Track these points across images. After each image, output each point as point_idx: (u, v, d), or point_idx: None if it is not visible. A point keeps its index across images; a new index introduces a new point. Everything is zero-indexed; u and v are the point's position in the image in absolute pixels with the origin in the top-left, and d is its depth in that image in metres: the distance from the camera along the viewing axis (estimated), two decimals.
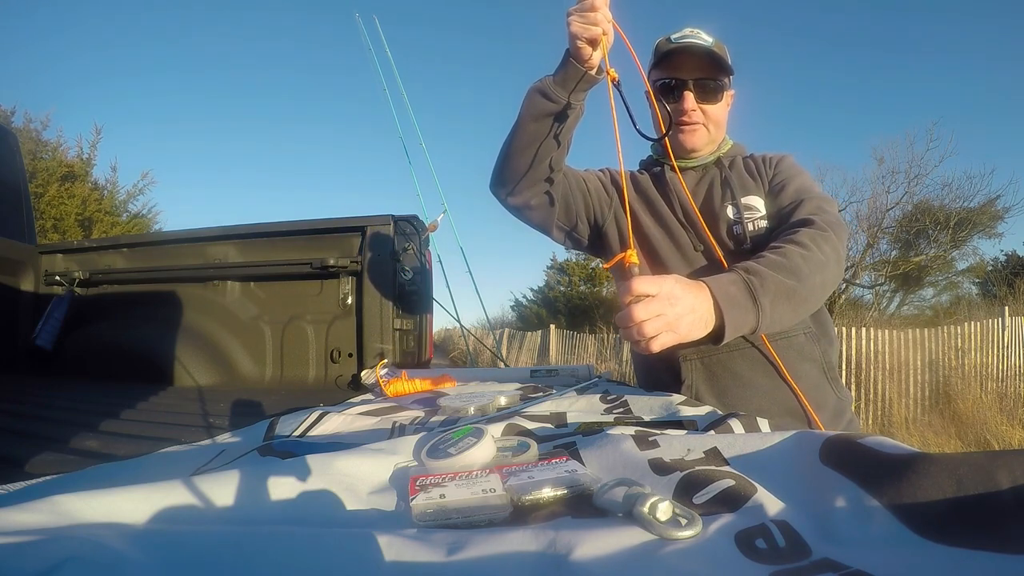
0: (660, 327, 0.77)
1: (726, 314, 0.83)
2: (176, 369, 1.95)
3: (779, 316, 0.89)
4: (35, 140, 8.39)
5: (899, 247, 10.53)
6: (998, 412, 5.03)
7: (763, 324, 0.87)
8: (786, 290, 0.89)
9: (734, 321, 0.84)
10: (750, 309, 0.86)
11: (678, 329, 0.79)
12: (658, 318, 0.77)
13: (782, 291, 0.89)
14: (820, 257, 0.94)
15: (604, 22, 0.91)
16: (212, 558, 0.33)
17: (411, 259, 1.93)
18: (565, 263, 15.07)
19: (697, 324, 0.81)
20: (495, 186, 1.14)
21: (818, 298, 0.97)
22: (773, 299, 0.87)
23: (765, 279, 0.88)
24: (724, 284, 0.85)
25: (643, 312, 0.76)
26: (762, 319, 0.86)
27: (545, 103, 1.01)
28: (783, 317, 0.90)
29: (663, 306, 0.77)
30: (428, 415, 0.90)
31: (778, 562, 0.35)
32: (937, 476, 0.37)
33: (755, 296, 0.86)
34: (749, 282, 0.87)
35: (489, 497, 0.46)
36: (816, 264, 0.93)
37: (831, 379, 1.10)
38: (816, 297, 0.96)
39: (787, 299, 0.89)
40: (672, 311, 0.78)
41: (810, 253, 0.93)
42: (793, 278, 0.90)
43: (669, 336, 0.78)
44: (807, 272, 0.92)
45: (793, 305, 0.91)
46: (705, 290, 0.83)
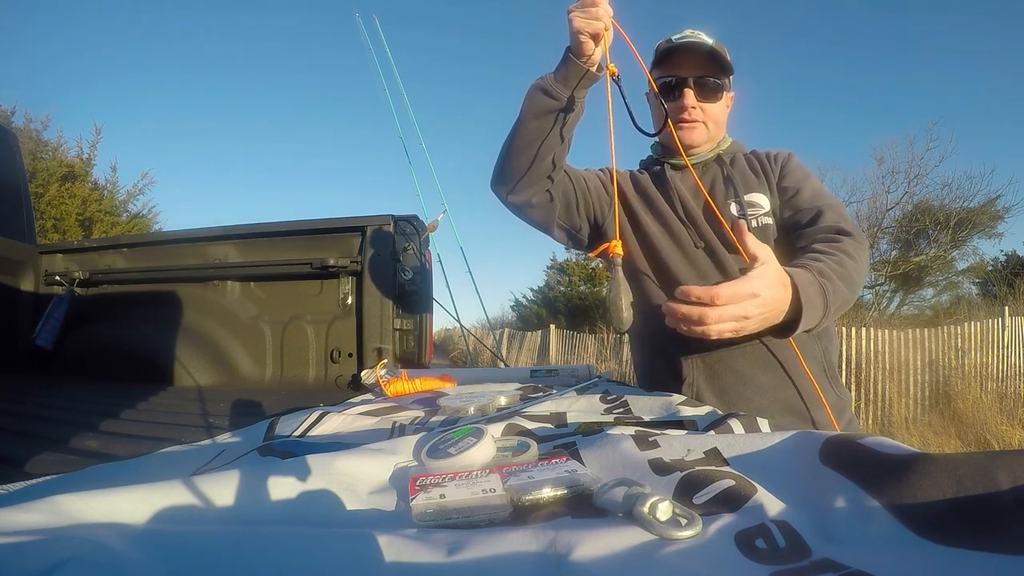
0: (735, 328, 0.77)
1: (804, 315, 0.83)
2: (176, 369, 1.95)
3: (831, 319, 0.92)
4: (35, 140, 8.39)
5: (899, 247, 10.54)
6: (998, 412, 5.03)
7: (822, 324, 0.89)
8: (843, 299, 0.92)
9: (808, 321, 0.85)
10: (819, 312, 0.86)
11: (746, 329, 0.78)
12: (743, 320, 0.77)
13: (840, 299, 0.91)
14: (863, 270, 0.98)
15: (606, 17, 0.92)
16: (212, 558, 0.33)
17: (411, 259, 1.93)
18: (565, 263, 15.07)
19: (767, 323, 0.81)
20: (496, 184, 1.14)
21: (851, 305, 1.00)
22: (836, 307, 0.90)
23: (836, 287, 0.89)
24: (806, 284, 0.85)
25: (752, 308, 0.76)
26: (823, 321, 0.88)
27: (546, 101, 1.01)
28: (832, 318, 0.92)
29: (751, 308, 0.77)
30: (428, 415, 0.90)
31: (778, 562, 0.35)
32: (937, 476, 0.37)
33: (827, 302, 0.87)
34: (823, 286, 0.87)
35: (489, 497, 0.46)
36: (861, 277, 0.97)
37: (831, 378, 1.10)
38: (851, 304, 0.99)
39: (840, 308, 0.92)
40: (754, 313, 0.78)
41: (858, 266, 0.96)
42: (848, 289, 0.92)
43: (746, 330, 0.78)
44: (856, 285, 0.95)
45: (842, 310, 0.94)
46: (789, 288, 0.83)
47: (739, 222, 0.83)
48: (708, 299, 0.75)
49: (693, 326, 0.76)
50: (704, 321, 0.75)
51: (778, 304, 0.81)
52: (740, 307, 0.75)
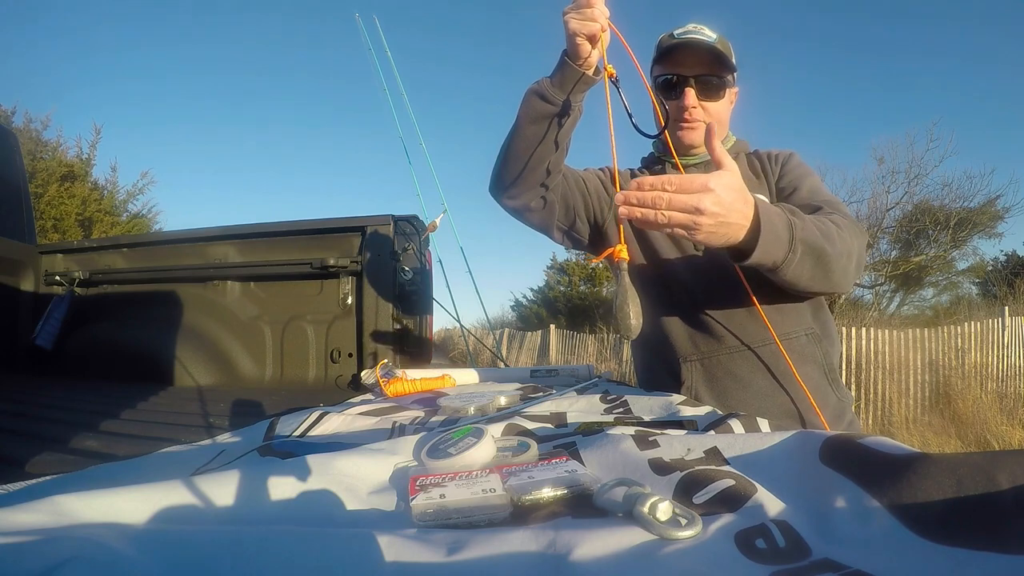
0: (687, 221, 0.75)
1: (762, 237, 0.81)
2: (176, 369, 1.95)
3: (802, 268, 0.88)
4: (35, 140, 8.39)
5: (899, 247, 10.53)
6: (998, 412, 5.03)
7: (788, 265, 0.86)
8: (817, 247, 0.89)
9: (766, 247, 0.82)
10: (784, 243, 0.84)
11: (699, 228, 0.76)
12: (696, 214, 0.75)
13: (815, 245, 0.88)
14: (850, 245, 0.95)
15: (602, 18, 0.91)
16: (212, 558, 0.33)
17: (411, 259, 1.93)
18: (565, 263, 15.08)
19: (723, 234, 0.79)
20: (494, 189, 1.14)
21: (835, 279, 0.96)
22: (805, 249, 0.87)
23: (806, 226, 0.88)
24: (770, 210, 0.84)
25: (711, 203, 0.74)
26: (789, 259, 0.85)
27: (543, 105, 1.00)
28: (802, 272, 0.89)
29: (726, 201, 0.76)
30: (428, 415, 0.90)
31: (778, 562, 0.35)
32: (937, 476, 0.37)
33: (792, 235, 0.85)
34: (791, 222, 0.86)
35: (489, 497, 0.46)
36: (846, 248, 0.94)
37: (832, 380, 1.10)
38: (835, 276, 0.95)
39: (815, 257, 0.89)
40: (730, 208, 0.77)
41: (844, 235, 0.94)
42: (827, 243, 0.90)
43: (682, 233, 0.77)
44: (839, 248, 0.92)
45: (817, 266, 0.90)
46: (751, 206, 0.81)
47: (711, 125, 0.81)
48: (660, 184, 0.75)
49: (646, 211, 0.75)
50: (656, 204, 0.74)
51: (736, 215, 0.78)
52: (693, 197, 0.74)
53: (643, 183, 0.76)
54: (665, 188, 0.75)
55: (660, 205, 0.74)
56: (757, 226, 0.81)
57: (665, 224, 0.76)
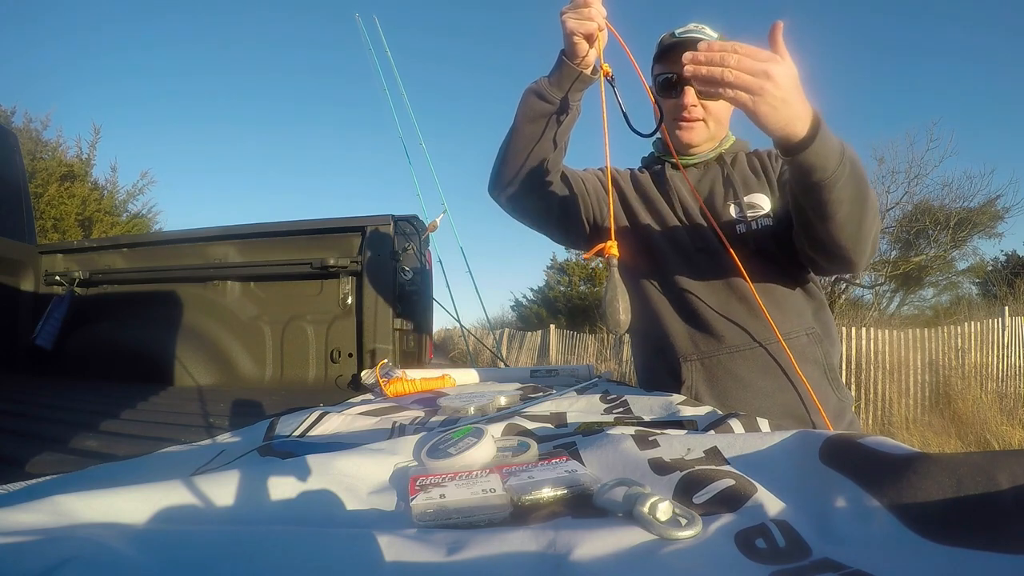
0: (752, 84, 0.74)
1: (819, 137, 0.80)
2: (176, 369, 1.95)
3: (845, 190, 0.86)
4: (35, 140, 8.38)
5: (899, 247, 10.52)
6: (998, 412, 5.03)
7: (837, 177, 0.84)
8: (861, 176, 0.88)
9: (821, 147, 0.81)
10: (835, 155, 0.83)
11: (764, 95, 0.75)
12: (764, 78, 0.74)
13: (859, 176, 0.88)
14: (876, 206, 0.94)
15: (599, 17, 0.91)
16: (212, 558, 0.33)
17: (411, 259, 1.93)
18: (565, 263, 15.07)
19: (784, 109, 0.77)
20: (493, 188, 1.14)
21: (868, 223, 0.94)
22: (851, 170, 0.85)
23: (855, 158, 0.87)
24: (824, 123, 0.83)
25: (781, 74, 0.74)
26: (839, 171, 0.84)
27: (541, 104, 1.01)
28: (846, 195, 0.87)
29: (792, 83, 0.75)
30: (428, 415, 0.90)
31: (778, 562, 0.35)
32: (937, 476, 0.37)
33: (843, 152, 0.84)
34: (842, 143, 0.85)
35: (489, 497, 0.46)
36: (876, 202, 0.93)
37: (832, 380, 1.10)
38: (868, 218, 0.93)
39: (858, 185, 0.88)
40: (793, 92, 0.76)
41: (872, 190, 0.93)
42: (866, 185, 0.90)
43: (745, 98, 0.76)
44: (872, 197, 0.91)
45: (857, 198, 0.89)
46: (810, 108, 0.80)
47: (777, 22, 0.80)
48: (729, 47, 0.74)
49: (713, 68, 0.74)
50: (724, 62, 0.74)
51: (798, 101, 0.78)
52: (762, 63, 0.74)
53: (712, 45, 0.75)
54: (736, 50, 0.74)
55: (729, 63, 0.73)
56: (815, 127, 0.80)
57: (732, 82, 0.74)
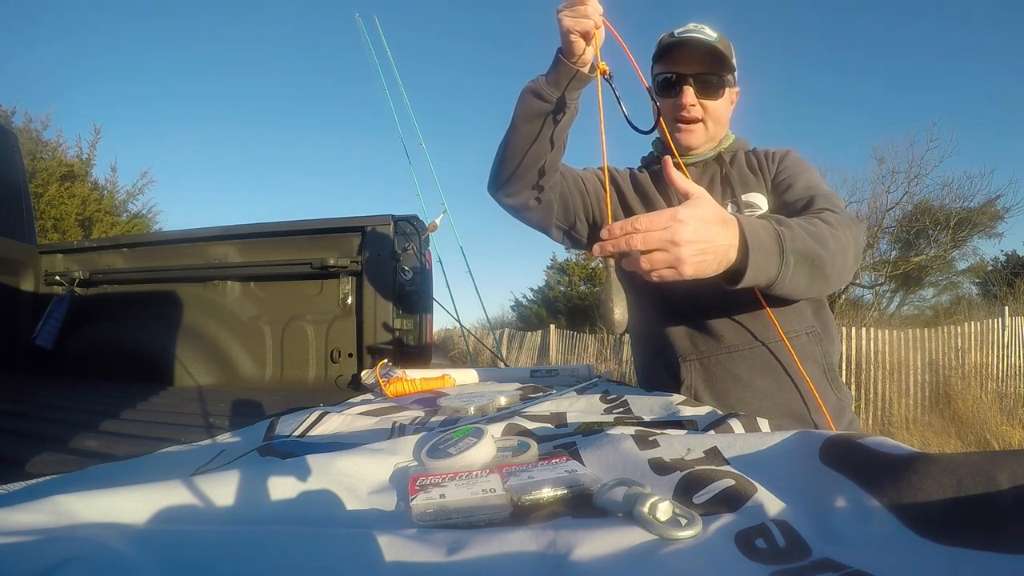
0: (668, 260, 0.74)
1: (751, 256, 0.79)
2: (176, 369, 1.96)
3: (797, 280, 0.86)
4: (35, 140, 8.39)
5: (899, 247, 10.53)
6: (998, 412, 5.03)
7: (782, 279, 0.84)
8: (811, 255, 0.86)
9: (757, 265, 0.80)
10: (775, 259, 0.82)
11: (683, 264, 0.74)
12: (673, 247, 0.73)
13: (807, 254, 0.86)
14: (844, 241, 0.93)
15: (595, 15, 0.91)
16: (212, 558, 0.33)
17: (411, 259, 1.93)
18: (565, 263, 15.08)
19: (711, 262, 0.77)
20: (493, 188, 1.14)
21: (834, 280, 0.94)
22: (798, 258, 0.84)
23: (796, 235, 0.85)
24: (755, 226, 0.81)
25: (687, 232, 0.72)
26: (783, 273, 0.83)
27: (539, 103, 1.01)
28: (799, 282, 0.87)
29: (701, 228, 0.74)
30: (428, 415, 0.90)
31: (778, 562, 0.35)
32: (937, 476, 0.37)
33: (783, 247, 0.83)
34: (779, 232, 0.84)
35: (489, 497, 0.46)
36: (840, 245, 0.91)
37: (831, 380, 1.10)
38: (833, 277, 0.93)
39: (809, 265, 0.87)
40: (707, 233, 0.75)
41: (836, 232, 0.92)
42: (820, 246, 0.88)
43: (670, 272, 0.75)
44: (832, 248, 0.89)
45: (812, 274, 0.88)
46: (734, 226, 0.79)
47: (665, 159, 0.80)
48: (629, 226, 0.73)
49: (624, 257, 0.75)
50: (631, 245, 0.73)
51: (718, 241, 0.77)
52: (666, 232, 0.72)
53: (612, 230, 0.74)
54: (636, 228, 0.73)
55: (634, 244, 0.73)
56: (745, 245, 0.79)
57: (649, 268, 0.74)
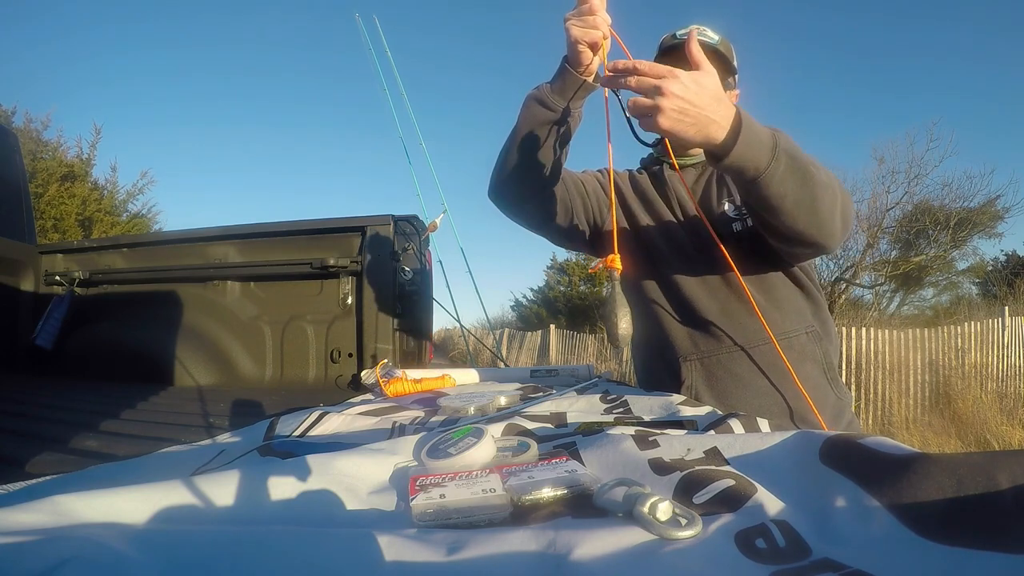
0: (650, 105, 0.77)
1: (742, 135, 0.80)
2: (176, 369, 1.95)
3: (785, 183, 0.86)
4: (35, 140, 8.38)
5: (899, 247, 10.53)
6: (998, 412, 5.03)
7: (771, 174, 0.84)
8: (802, 164, 0.87)
9: (746, 146, 0.81)
10: (767, 149, 0.83)
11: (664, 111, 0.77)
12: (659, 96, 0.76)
13: (799, 160, 0.87)
14: (833, 184, 0.93)
15: (604, 25, 0.90)
16: (212, 558, 0.33)
17: (411, 259, 1.93)
18: (565, 263, 15.07)
19: (687, 127, 0.79)
20: (494, 193, 1.14)
21: (823, 212, 0.92)
22: (788, 160, 0.85)
23: (789, 141, 0.87)
24: (751, 120, 0.83)
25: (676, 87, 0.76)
26: (773, 167, 0.84)
27: (543, 111, 1.00)
28: (788, 189, 0.87)
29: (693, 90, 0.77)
30: (428, 415, 0.90)
31: (778, 562, 0.35)
32: (937, 476, 0.37)
33: (776, 142, 0.84)
34: (774, 132, 0.85)
35: (489, 497, 0.46)
36: (830, 180, 0.93)
37: (831, 379, 1.10)
38: (822, 208, 0.92)
39: (800, 175, 0.87)
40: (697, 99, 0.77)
41: (827, 172, 0.93)
42: (811, 166, 0.89)
43: (646, 121, 0.79)
44: (823, 177, 0.90)
45: (803, 187, 0.88)
46: (729, 109, 0.81)
47: (692, 29, 0.84)
48: (631, 67, 0.79)
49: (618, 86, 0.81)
50: (625, 82, 0.79)
51: (705, 110, 0.78)
52: (659, 80, 0.76)
53: (615, 65, 0.81)
54: (636, 69, 0.79)
55: (629, 84, 0.79)
56: (737, 128, 0.81)
57: (632, 109, 0.80)
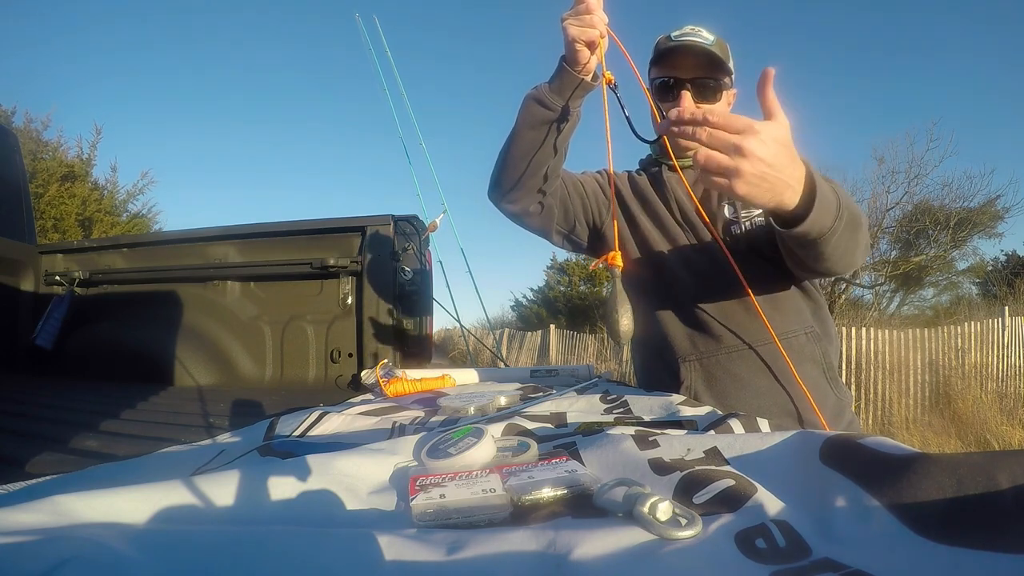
0: (727, 165, 0.68)
1: (818, 200, 0.76)
2: (176, 369, 1.95)
3: (841, 239, 0.83)
4: (35, 140, 8.38)
5: (899, 247, 10.53)
6: (998, 412, 5.03)
7: (832, 234, 0.81)
8: (856, 216, 0.85)
9: (820, 211, 0.77)
10: (832, 208, 0.79)
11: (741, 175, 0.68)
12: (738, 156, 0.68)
13: (853, 217, 0.84)
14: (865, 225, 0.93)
15: (600, 24, 0.90)
16: (212, 558, 0.33)
17: (411, 259, 1.93)
18: (565, 263, 15.07)
19: (768, 188, 0.71)
20: (493, 194, 1.14)
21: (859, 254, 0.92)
22: (848, 218, 0.82)
23: (848, 198, 0.84)
24: (819, 177, 0.78)
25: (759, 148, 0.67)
26: (836, 227, 0.81)
27: (542, 111, 1.00)
28: (841, 243, 0.84)
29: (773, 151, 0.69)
30: (428, 415, 0.90)
31: (778, 562, 0.35)
32: (937, 476, 0.37)
33: (839, 202, 0.81)
34: (835, 188, 0.82)
35: (489, 497, 0.46)
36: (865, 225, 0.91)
37: (831, 379, 1.10)
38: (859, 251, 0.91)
39: (854, 229, 0.85)
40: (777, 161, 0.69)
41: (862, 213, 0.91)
42: (860, 215, 0.87)
43: (722, 182, 0.69)
44: (864, 223, 0.89)
45: (852, 238, 0.86)
46: (802, 169, 0.75)
47: (768, 69, 0.73)
48: (701, 116, 0.69)
49: (686, 137, 0.71)
50: (696, 135, 0.69)
51: (784, 171, 0.71)
52: (736, 137, 0.68)
53: (683, 112, 0.70)
54: (707, 120, 0.68)
55: (700, 136, 0.69)
56: (811, 191, 0.76)
57: (703, 165, 0.69)
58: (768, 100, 0.72)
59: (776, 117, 0.72)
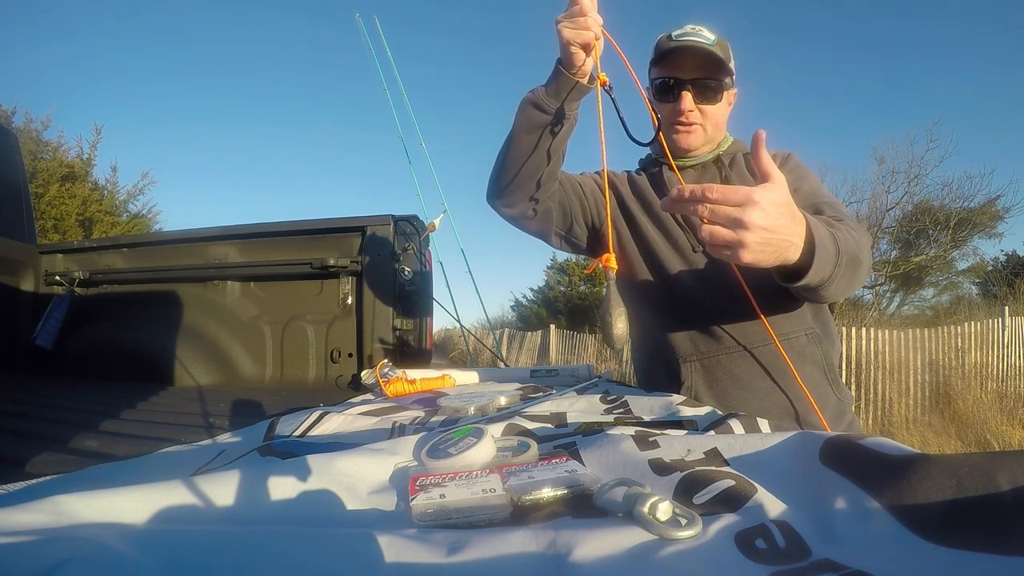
0: (731, 239, 0.69)
1: (817, 254, 0.77)
2: (176, 369, 1.95)
3: (841, 282, 0.85)
4: (36, 140, 8.38)
5: (899, 247, 10.53)
6: (998, 412, 5.03)
7: (832, 280, 0.83)
8: (855, 258, 0.86)
9: (820, 264, 0.78)
10: (832, 257, 0.81)
11: (746, 246, 0.69)
12: (740, 228, 0.68)
13: (853, 257, 0.85)
14: (868, 250, 0.94)
15: (595, 26, 0.90)
16: (212, 558, 0.33)
17: (411, 259, 1.93)
18: (565, 263, 15.07)
19: (772, 251, 0.73)
20: (492, 198, 1.14)
21: (856, 285, 0.94)
22: (847, 261, 0.83)
23: (845, 238, 0.85)
24: (819, 225, 0.80)
25: (760, 218, 0.68)
26: (835, 274, 0.82)
27: (538, 114, 1.00)
28: (841, 285, 0.86)
29: (773, 215, 0.69)
30: (428, 415, 0.90)
31: (778, 562, 0.35)
32: (937, 477, 0.37)
33: (838, 248, 0.82)
34: (835, 235, 0.83)
35: (489, 497, 0.46)
36: (867, 253, 0.92)
37: (832, 380, 1.10)
38: (856, 283, 0.92)
39: (853, 269, 0.86)
40: (777, 224, 0.70)
41: (861, 240, 0.92)
42: (859, 251, 0.88)
43: (727, 253, 0.70)
44: (865, 256, 0.90)
45: (852, 277, 0.87)
46: (802, 224, 0.76)
47: (759, 132, 0.74)
48: (700, 193, 0.69)
49: (688, 215, 0.73)
50: (697, 213, 0.70)
51: (785, 231, 0.72)
52: (736, 209, 0.68)
53: (683, 191, 0.71)
54: (706, 196, 0.69)
55: (702, 213, 0.69)
56: (810, 244, 0.77)
57: (707, 240, 0.70)
58: (762, 162, 0.73)
59: (772, 178, 0.73)
